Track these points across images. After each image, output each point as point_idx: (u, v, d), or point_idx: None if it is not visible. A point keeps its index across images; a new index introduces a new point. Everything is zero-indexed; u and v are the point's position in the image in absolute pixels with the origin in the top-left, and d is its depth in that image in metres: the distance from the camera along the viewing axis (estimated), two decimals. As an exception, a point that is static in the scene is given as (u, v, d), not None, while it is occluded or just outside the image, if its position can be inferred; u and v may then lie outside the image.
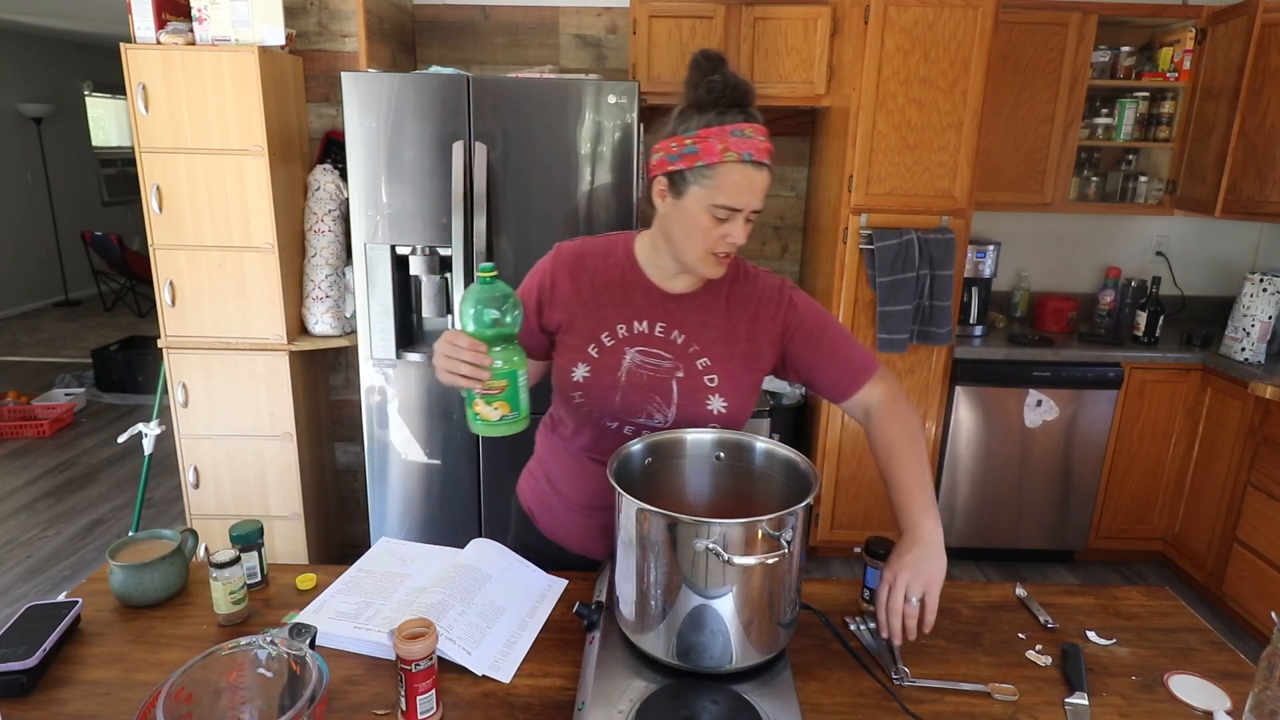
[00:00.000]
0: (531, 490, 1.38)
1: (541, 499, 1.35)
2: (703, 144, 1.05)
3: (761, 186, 1.08)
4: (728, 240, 1.09)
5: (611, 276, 1.21)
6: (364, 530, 2.96)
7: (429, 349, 2.46)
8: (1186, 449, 2.95)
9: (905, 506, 1.09)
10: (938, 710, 0.98)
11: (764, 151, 1.06)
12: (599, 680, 0.96)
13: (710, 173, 1.06)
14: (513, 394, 1.02)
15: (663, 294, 1.20)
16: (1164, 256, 3.35)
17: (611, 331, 1.19)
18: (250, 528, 1.20)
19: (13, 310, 7.07)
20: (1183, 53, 2.91)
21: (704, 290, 1.21)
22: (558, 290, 1.22)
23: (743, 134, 1.05)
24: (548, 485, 1.34)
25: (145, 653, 1.07)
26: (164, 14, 2.33)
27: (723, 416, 1.19)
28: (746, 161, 1.05)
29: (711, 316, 1.20)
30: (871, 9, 2.53)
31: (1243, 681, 1.05)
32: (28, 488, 3.64)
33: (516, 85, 2.26)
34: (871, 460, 2.91)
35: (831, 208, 2.85)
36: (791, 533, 0.92)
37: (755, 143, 1.05)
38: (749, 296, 1.21)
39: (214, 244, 2.45)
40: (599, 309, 1.20)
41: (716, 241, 1.09)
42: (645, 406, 1.18)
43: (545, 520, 1.35)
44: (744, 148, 1.04)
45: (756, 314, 1.20)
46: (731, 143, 1.04)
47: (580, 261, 1.23)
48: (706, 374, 1.18)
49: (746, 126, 1.05)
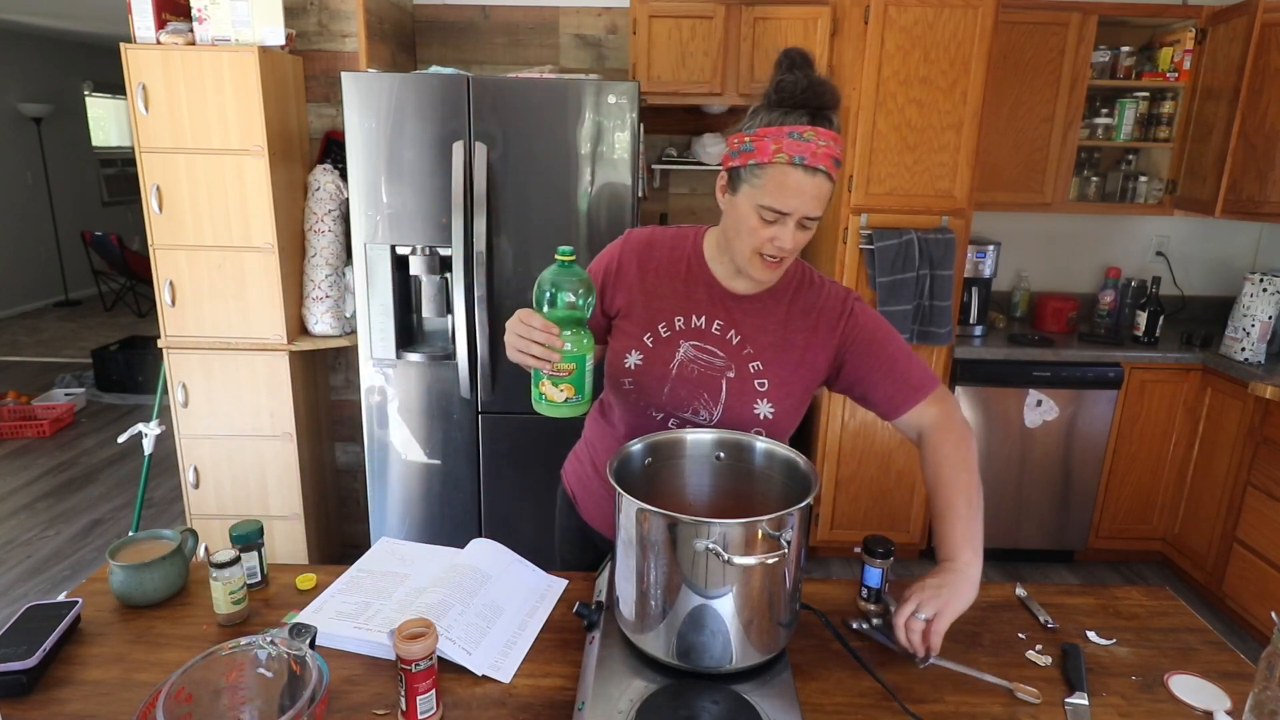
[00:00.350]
0: (575, 473, 1.39)
1: (584, 481, 1.36)
2: (759, 143, 1.04)
3: (813, 192, 1.03)
4: (774, 244, 1.07)
5: (677, 268, 1.21)
6: (364, 530, 2.97)
7: (429, 349, 2.46)
8: (1186, 449, 2.95)
9: (945, 536, 1.08)
10: (938, 710, 0.98)
11: (822, 157, 1.02)
12: (599, 680, 0.96)
13: (760, 172, 1.04)
14: (579, 377, 1.03)
15: (725, 292, 1.20)
16: (1164, 256, 3.35)
17: (669, 323, 1.19)
18: (250, 528, 1.20)
19: (13, 310, 7.07)
20: (1183, 53, 2.91)
21: (766, 294, 1.19)
22: (623, 274, 1.23)
23: (800, 136, 1.02)
24: (591, 468, 1.34)
25: (145, 653, 1.07)
26: (164, 14, 2.33)
27: (768, 423, 1.18)
28: (797, 165, 1.02)
29: (770, 321, 1.19)
30: (871, 9, 2.53)
31: (1243, 681, 1.05)
32: (28, 488, 3.64)
33: (516, 85, 2.26)
34: (871, 460, 2.93)
35: (831, 207, 2.86)
36: (791, 533, 0.92)
37: (812, 146, 1.02)
38: (811, 305, 1.20)
39: (214, 244, 2.45)
40: (660, 299, 1.20)
41: (763, 243, 1.07)
42: (692, 402, 1.19)
43: (586, 504, 1.36)
44: (797, 150, 1.01)
45: (817, 323, 1.19)
46: (786, 144, 1.02)
47: (649, 249, 1.23)
48: (758, 378, 1.17)
49: (808, 129, 1.02)
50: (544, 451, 2.48)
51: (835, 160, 1.05)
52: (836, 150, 1.04)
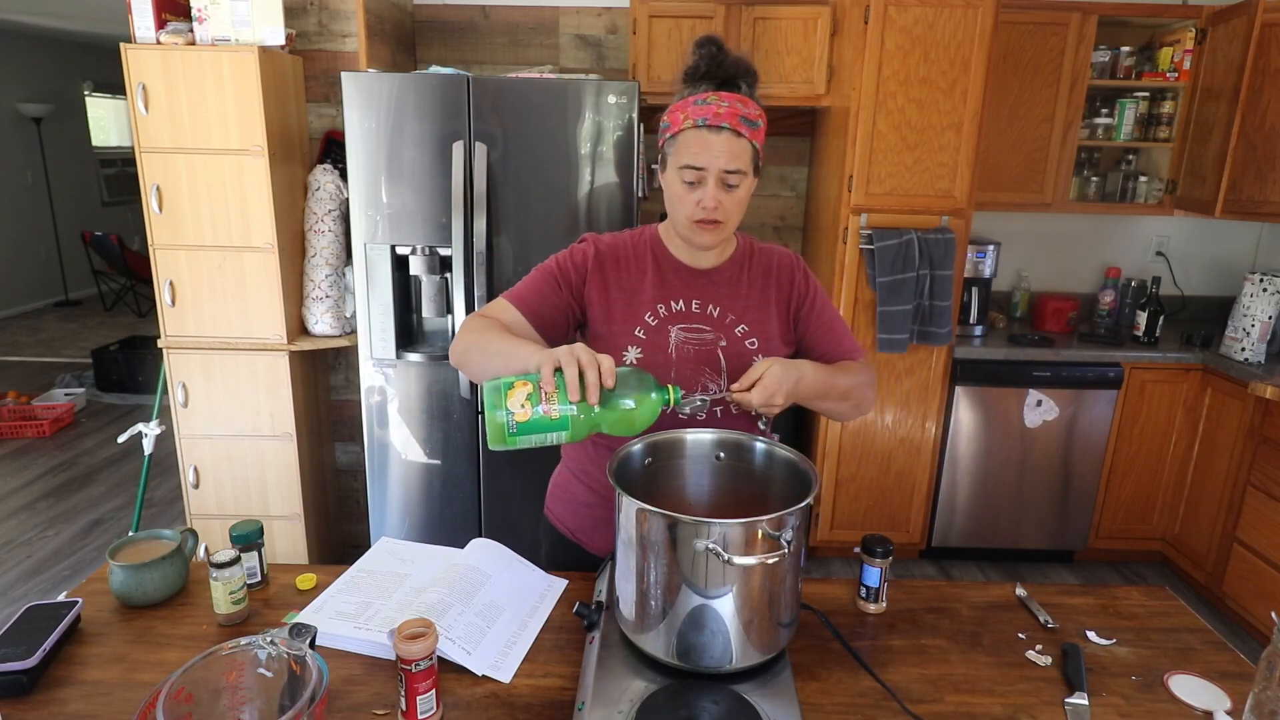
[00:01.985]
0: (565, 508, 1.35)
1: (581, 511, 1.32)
2: (672, 117, 1.15)
3: (721, 149, 1.10)
4: (701, 205, 1.13)
5: (645, 261, 1.26)
6: (364, 530, 2.97)
7: (429, 349, 2.46)
8: (1186, 449, 2.95)
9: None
10: (938, 710, 0.98)
11: (725, 116, 1.09)
12: (599, 680, 0.96)
13: (675, 141, 1.14)
14: (562, 423, 0.95)
15: (693, 271, 1.26)
16: (1164, 256, 3.35)
17: (654, 311, 1.23)
18: (250, 528, 1.20)
19: (13, 310, 7.07)
20: (1183, 53, 2.91)
21: (729, 264, 1.27)
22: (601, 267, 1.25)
23: (704, 102, 1.11)
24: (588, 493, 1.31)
25: (145, 653, 1.07)
26: (164, 14, 2.33)
27: None
28: (701, 126, 1.10)
29: (740, 285, 1.26)
30: (871, 9, 2.53)
31: (1243, 681, 1.05)
32: (28, 488, 3.64)
33: (516, 85, 2.26)
34: (871, 460, 2.93)
35: (831, 208, 2.85)
36: (791, 533, 0.92)
37: (714, 108, 1.10)
38: (769, 265, 1.29)
39: (214, 244, 2.45)
40: (638, 292, 1.24)
41: (693, 208, 1.14)
42: (699, 379, 1.21)
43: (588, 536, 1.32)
44: (700, 113, 1.10)
45: (778, 279, 1.28)
46: (691, 110, 1.11)
47: (615, 249, 1.27)
48: (747, 339, 1.23)
49: (711, 95, 1.11)
50: (544, 451, 2.47)
51: (743, 119, 1.11)
52: (745, 110, 1.11)
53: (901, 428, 2.91)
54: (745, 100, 1.12)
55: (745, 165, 1.13)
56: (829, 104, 2.83)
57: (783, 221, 3.32)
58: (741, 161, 1.12)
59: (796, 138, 3.21)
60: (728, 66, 1.14)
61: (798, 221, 3.32)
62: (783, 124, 3.18)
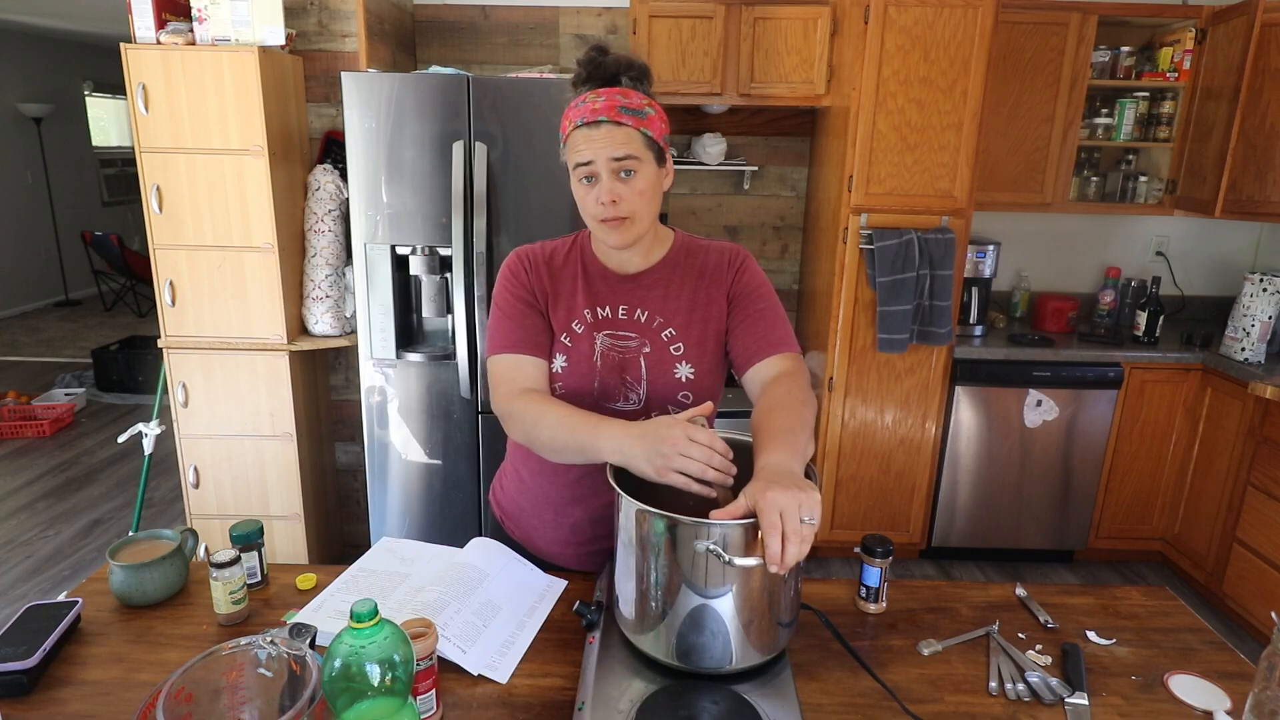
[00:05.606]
0: (505, 497, 1.39)
1: (515, 502, 1.36)
2: (562, 125, 1.15)
3: (603, 140, 1.09)
4: (598, 200, 1.12)
5: (573, 268, 1.25)
6: (364, 530, 2.97)
7: (429, 349, 2.46)
8: (1186, 449, 2.95)
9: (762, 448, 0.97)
10: (938, 710, 0.98)
11: (602, 110, 1.08)
12: (599, 680, 0.96)
13: (566, 148, 1.15)
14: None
15: (620, 277, 1.24)
16: (1164, 256, 3.34)
17: (580, 318, 1.22)
18: (250, 528, 1.20)
19: (13, 310, 7.07)
20: (1183, 53, 2.91)
21: (661, 265, 1.24)
22: (540, 280, 1.24)
23: (583, 102, 1.11)
24: (519, 490, 1.34)
25: (145, 653, 1.07)
26: (164, 14, 2.33)
27: (691, 383, 1.20)
28: (581, 126, 1.10)
29: (672, 288, 1.23)
30: (871, 9, 2.53)
31: (1243, 681, 1.05)
32: (28, 488, 3.64)
33: (516, 85, 2.26)
34: (871, 460, 2.93)
35: (831, 208, 2.85)
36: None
37: (590, 106, 1.09)
38: (705, 264, 1.24)
39: (214, 244, 2.45)
40: (568, 298, 1.23)
41: (595, 206, 1.13)
42: (619, 388, 1.21)
43: (517, 525, 1.36)
44: (580, 114, 1.10)
45: (713, 278, 1.23)
46: (572, 114, 1.12)
47: (547, 257, 1.26)
48: (672, 344, 1.21)
49: (589, 94, 1.11)
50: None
51: (622, 109, 1.09)
52: (624, 101, 1.10)
53: (901, 428, 2.91)
54: (625, 92, 1.11)
55: (636, 151, 1.10)
56: (829, 104, 2.83)
57: (783, 221, 3.32)
58: (630, 148, 1.09)
59: (796, 138, 3.21)
60: (607, 66, 1.13)
61: (798, 221, 3.32)
62: (783, 124, 3.18)
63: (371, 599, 0.80)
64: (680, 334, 1.21)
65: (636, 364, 1.20)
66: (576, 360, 1.20)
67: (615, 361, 1.20)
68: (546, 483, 1.28)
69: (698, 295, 1.23)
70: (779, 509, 0.84)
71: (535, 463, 1.28)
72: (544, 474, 1.28)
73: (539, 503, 1.31)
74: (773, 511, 0.84)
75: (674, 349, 1.21)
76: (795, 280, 3.37)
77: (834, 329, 2.83)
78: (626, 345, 1.21)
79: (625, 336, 1.21)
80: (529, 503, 1.32)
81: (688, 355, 1.21)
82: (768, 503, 0.84)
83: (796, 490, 0.85)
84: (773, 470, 0.91)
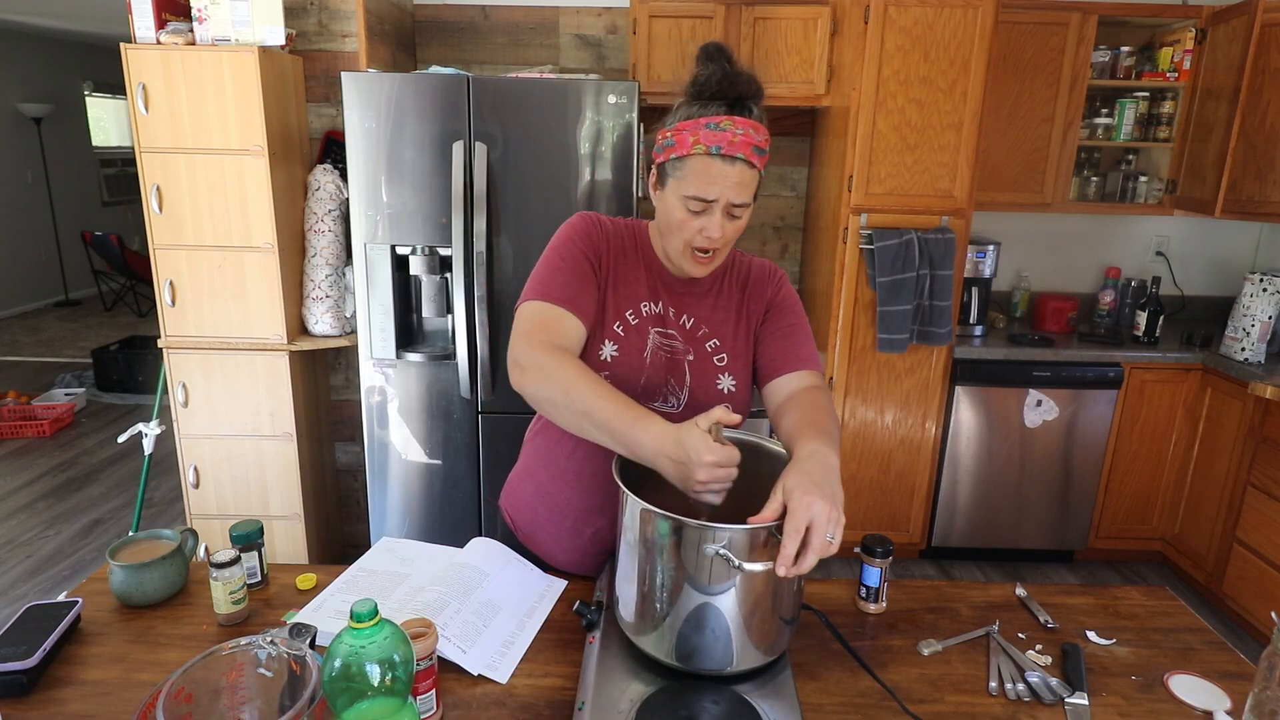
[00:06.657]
0: (515, 502, 1.34)
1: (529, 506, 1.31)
2: (678, 136, 1.06)
3: (734, 180, 1.04)
4: (704, 234, 1.08)
5: (635, 256, 1.21)
6: (364, 530, 2.97)
7: (429, 349, 2.46)
8: (1186, 449, 2.95)
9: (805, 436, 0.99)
10: (938, 710, 0.98)
11: (740, 145, 1.03)
12: (599, 681, 0.96)
13: (681, 165, 1.07)
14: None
15: (674, 279, 1.22)
16: (1164, 256, 3.34)
17: (635, 309, 1.19)
18: (250, 528, 1.20)
19: (13, 310, 7.06)
20: (1183, 53, 2.91)
21: (708, 277, 1.22)
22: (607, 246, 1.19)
23: (718, 126, 1.03)
24: (534, 492, 1.29)
25: (145, 653, 1.07)
26: (164, 14, 2.33)
27: (732, 396, 1.19)
28: (714, 154, 1.03)
29: (720, 299, 1.23)
30: (871, 9, 2.53)
31: (1243, 681, 1.05)
32: (28, 488, 3.64)
33: (516, 85, 2.26)
34: (871, 460, 2.93)
35: (831, 208, 2.85)
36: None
37: (729, 135, 1.02)
38: (746, 279, 1.25)
39: (214, 244, 2.45)
40: (625, 285, 1.19)
41: (694, 235, 1.09)
42: (664, 389, 1.19)
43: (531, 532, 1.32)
44: (714, 140, 1.03)
45: (754, 291, 1.24)
46: (703, 135, 1.03)
47: (612, 233, 1.21)
48: (716, 354, 1.20)
49: (725, 119, 1.03)
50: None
51: (755, 149, 1.05)
52: (757, 139, 1.05)
53: (901, 428, 2.91)
54: (758, 127, 1.05)
55: (751, 196, 1.08)
56: (829, 104, 2.83)
57: (783, 222, 3.32)
58: (749, 193, 1.07)
59: (796, 138, 3.21)
60: (740, 85, 1.05)
61: (798, 221, 3.32)
62: (783, 124, 3.18)
63: (371, 599, 0.80)
64: (725, 345, 1.21)
65: (682, 368, 1.19)
66: (628, 352, 1.17)
67: (663, 361, 1.19)
68: (568, 488, 1.24)
69: (742, 308, 1.23)
70: (810, 519, 0.85)
71: (557, 466, 1.25)
72: (565, 478, 1.24)
73: (558, 511, 1.26)
74: (803, 517, 0.85)
75: (717, 359, 1.20)
76: (795, 280, 3.37)
77: (834, 329, 2.83)
78: (674, 347, 1.19)
79: (673, 338, 1.19)
80: (547, 510, 1.28)
81: (731, 367, 1.20)
82: (803, 506, 0.86)
83: (832, 508, 0.87)
84: (816, 467, 0.92)
